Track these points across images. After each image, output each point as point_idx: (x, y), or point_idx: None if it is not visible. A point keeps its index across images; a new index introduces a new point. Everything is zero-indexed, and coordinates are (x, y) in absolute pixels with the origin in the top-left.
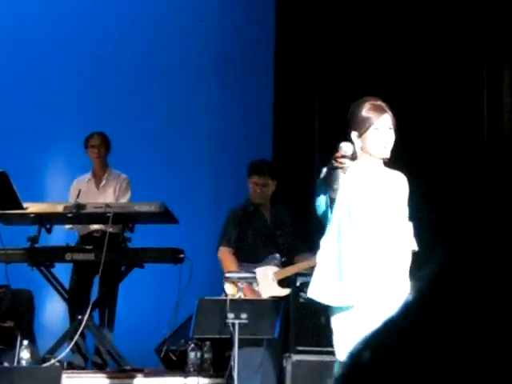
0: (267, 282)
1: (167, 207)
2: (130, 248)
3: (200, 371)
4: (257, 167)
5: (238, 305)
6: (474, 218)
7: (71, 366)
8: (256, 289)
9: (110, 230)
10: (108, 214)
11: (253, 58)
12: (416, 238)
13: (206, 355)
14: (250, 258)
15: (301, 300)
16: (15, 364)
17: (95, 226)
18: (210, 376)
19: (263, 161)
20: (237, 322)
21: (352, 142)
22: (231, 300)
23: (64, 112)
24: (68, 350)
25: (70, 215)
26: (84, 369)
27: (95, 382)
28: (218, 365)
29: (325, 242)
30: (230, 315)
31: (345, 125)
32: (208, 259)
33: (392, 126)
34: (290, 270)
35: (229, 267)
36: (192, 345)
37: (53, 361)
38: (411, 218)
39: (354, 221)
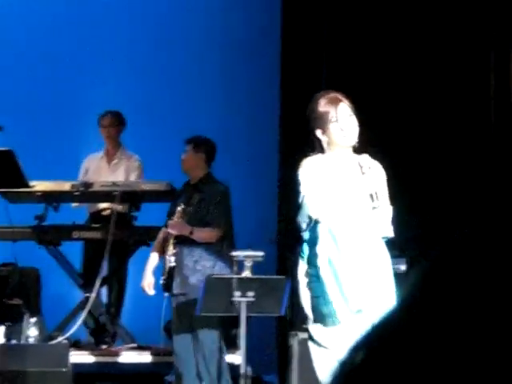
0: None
1: (173, 186)
2: (137, 226)
3: None
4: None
5: (244, 283)
6: (480, 206)
7: (78, 344)
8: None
9: (118, 208)
10: (115, 193)
11: (258, 43)
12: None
13: None
14: None
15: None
16: (23, 341)
17: (103, 205)
18: None
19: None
20: (244, 299)
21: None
22: (238, 278)
23: (76, 89)
24: (75, 327)
25: (77, 193)
26: (92, 346)
27: (102, 359)
28: (225, 343)
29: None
30: (237, 293)
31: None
32: None
33: (351, 113)
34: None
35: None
36: None
37: (60, 338)
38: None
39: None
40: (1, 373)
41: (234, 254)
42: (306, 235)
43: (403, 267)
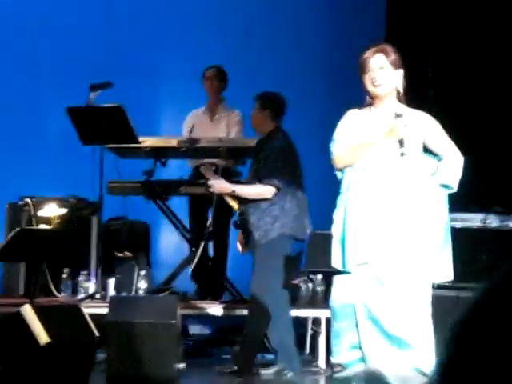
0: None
1: None
2: (241, 181)
3: (312, 304)
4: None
5: None
6: None
7: (185, 297)
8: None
9: (222, 163)
10: (220, 149)
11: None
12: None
13: (317, 288)
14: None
15: None
16: (132, 293)
17: (207, 160)
18: (321, 308)
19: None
20: None
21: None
22: None
23: (177, 47)
24: (182, 281)
25: (183, 149)
26: (199, 299)
27: (210, 311)
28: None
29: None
30: None
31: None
32: (321, 188)
33: (384, 65)
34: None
35: None
36: (304, 278)
37: (168, 291)
38: None
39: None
40: (111, 324)
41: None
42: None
43: None
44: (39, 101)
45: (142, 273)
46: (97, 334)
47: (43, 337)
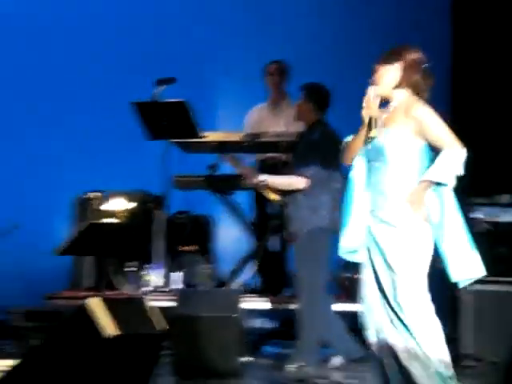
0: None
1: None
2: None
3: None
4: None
5: None
6: None
7: (249, 291)
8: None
9: (283, 157)
10: (282, 143)
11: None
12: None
13: None
14: None
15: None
16: (197, 287)
17: (268, 154)
18: None
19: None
20: None
21: None
22: None
23: (235, 43)
24: (246, 275)
25: (246, 144)
26: (262, 293)
27: (273, 306)
28: None
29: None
30: None
31: None
32: None
33: (385, 63)
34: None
35: None
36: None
37: (232, 284)
38: None
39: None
40: (177, 317)
41: None
42: None
43: None
44: (106, 96)
45: (206, 266)
46: (163, 327)
47: (110, 329)
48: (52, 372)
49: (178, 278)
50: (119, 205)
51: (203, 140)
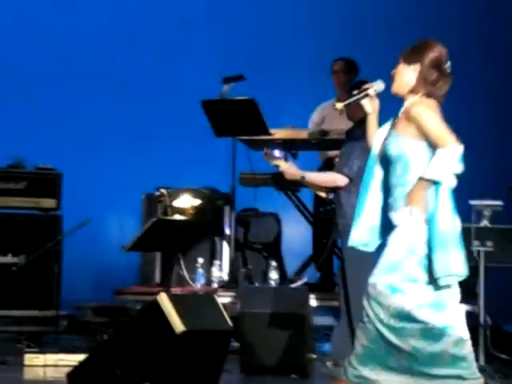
0: None
1: None
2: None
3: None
4: None
5: (483, 232)
6: None
7: (317, 288)
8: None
9: None
10: None
11: None
12: None
13: None
14: None
15: None
16: (264, 284)
17: (333, 152)
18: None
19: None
20: (482, 249)
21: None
22: (477, 227)
23: (302, 40)
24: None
25: (314, 141)
26: (324, 290)
27: (334, 302)
28: (464, 292)
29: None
30: (476, 242)
31: None
32: None
33: (400, 64)
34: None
35: None
36: None
37: (300, 282)
38: None
39: None
40: (245, 314)
41: (472, 203)
42: None
43: None
44: (175, 95)
45: (273, 263)
46: (230, 324)
47: (179, 325)
48: (120, 367)
49: (245, 275)
50: (187, 201)
51: (271, 137)
